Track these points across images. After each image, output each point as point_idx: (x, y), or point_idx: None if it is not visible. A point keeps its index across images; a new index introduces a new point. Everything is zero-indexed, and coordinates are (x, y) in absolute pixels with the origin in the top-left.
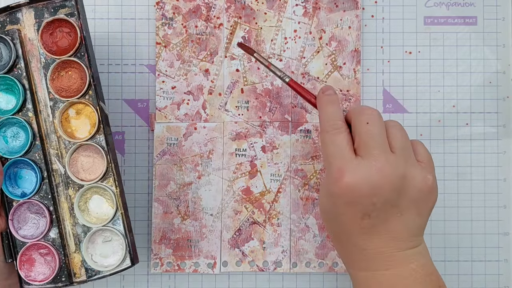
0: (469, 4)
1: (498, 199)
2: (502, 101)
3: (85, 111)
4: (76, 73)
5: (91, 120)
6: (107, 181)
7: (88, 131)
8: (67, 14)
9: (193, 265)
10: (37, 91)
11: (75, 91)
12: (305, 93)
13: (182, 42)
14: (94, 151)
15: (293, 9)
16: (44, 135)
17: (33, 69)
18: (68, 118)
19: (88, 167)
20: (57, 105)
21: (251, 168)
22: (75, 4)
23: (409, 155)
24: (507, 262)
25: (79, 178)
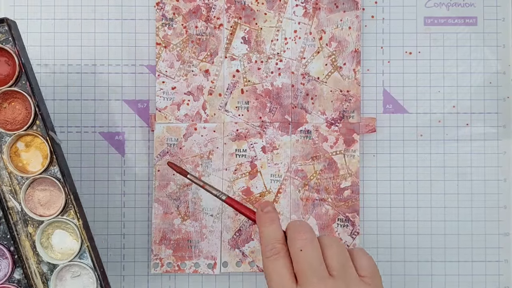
0: (469, 4)
1: (498, 199)
2: (502, 102)
3: (35, 143)
4: (20, 103)
5: (42, 151)
6: (68, 214)
7: (40, 163)
8: (1, 41)
9: (193, 266)
10: None
11: (21, 122)
12: (244, 210)
13: (182, 43)
14: (50, 184)
15: (293, 9)
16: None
17: None
18: (17, 151)
19: (45, 202)
20: (4, 140)
21: (251, 169)
22: (9, 30)
23: (349, 274)
24: (508, 262)
25: (37, 214)
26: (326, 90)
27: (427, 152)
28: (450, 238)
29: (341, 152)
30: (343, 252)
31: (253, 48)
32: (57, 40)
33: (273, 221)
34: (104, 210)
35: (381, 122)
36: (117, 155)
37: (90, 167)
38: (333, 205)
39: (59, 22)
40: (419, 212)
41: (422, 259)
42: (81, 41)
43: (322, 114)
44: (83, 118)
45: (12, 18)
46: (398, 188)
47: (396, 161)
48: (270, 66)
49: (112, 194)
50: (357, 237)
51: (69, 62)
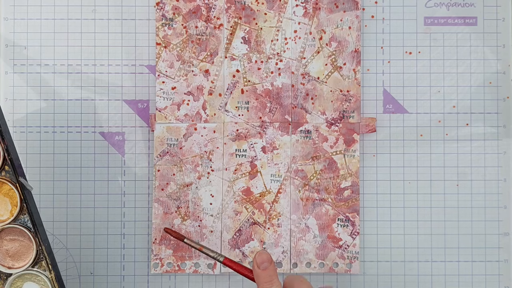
0: (469, 4)
1: (498, 199)
2: (502, 102)
3: (3, 190)
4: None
5: (11, 199)
6: (39, 265)
7: (9, 211)
8: None
9: (193, 266)
10: None
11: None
12: (243, 270)
13: (182, 43)
14: (19, 233)
15: (293, 9)
16: None
17: None
18: None
19: (14, 252)
20: None
21: (251, 169)
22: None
23: None
24: (507, 262)
25: (5, 266)
26: (326, 90)
27: (427, 152)
28: (450, 238)
29: (341, 152)
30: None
31: (253, 48)
32: (57, 40)
33: (273, 281)
34: (104, 210)
35: (381, 122)
36: (117, 155)
37: (90, 167)
38: (333, 205)
39: (59, 22)
40: (419, 212)
41: (422, 259)
42: (81, 41)
43: (322, 114)
44: (83, 118)
45: (12, 18)
46: (398, 188)
47: (396, 161)
48: (270, 66)
49: (112, 194)
50: (357, 237)
51: (69, 62)
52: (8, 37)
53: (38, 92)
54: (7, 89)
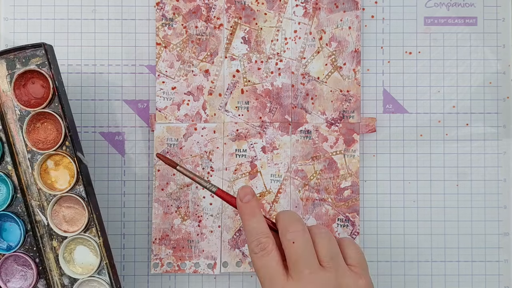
0: (469, 4)
1: (498, 199)
2: (502, 102)
3: (63, 162)
4: (52, 124)
5: (70, 171)
6: (90, 231)
7: (68, 181)
8: (38, 65)
9: (193, 266)
10: (15, 143)
11: (51, 142)
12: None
13: (182, 43)
14: (75, 202)
15: (293, 9)
16: (25, 187)
17: (9, 121)
18: (47, 169)
19: (70, 218)
20: (35, 157)
21: (251, 169)
22: (45, 53)
23: (338, 263)
24: (507, 262)
25: (61, 230)
26: (326, 90)
27: (427, 152)
28: (450, 238)
29: (341, 152)
30: (333, 243)
31: (253, 48)
32: (57, 40)
33: (255, 213)
34: (104, 210)
35: (381, 122)
36: (117, 155)
37: (90, 167)
38: (333, 205)
39: (59, 22)
40: (419, 212)
41: (422, 259)
42: (81, 41)
43: (322, 114)
44: (83, 118)
45: (12, 18)
46: (398, 188)
47: (396, 161)
48: (270, 66)
49: (112, 194)
50: (357, 237)
51: (69, 62)
52: (8, 37)
53: None
54: None
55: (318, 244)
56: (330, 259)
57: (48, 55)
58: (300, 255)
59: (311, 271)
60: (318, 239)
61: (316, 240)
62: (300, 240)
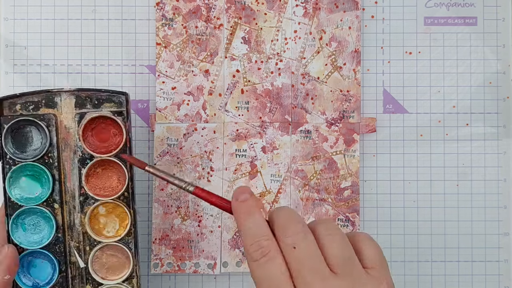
0: (469, 4)
1: (498, 199)
2: (502, 102)
3: (117, 211)
4: (113, 172)
5: (120, 219)
6: (129, 282)
7: (115, 230)
8: (113, 112)
9: (193, 266)
10: (65, 182)
11: (109, 190)
12: (216, 200)
13: (182, 43)
14: (119, 251)
15: (293, 9)
16: (67, 227)
17: (65, 158)
18: (97, 215)
19: (110, 266)
20: (88, 201)
21: (251, 169)
22: (126, 104)
23: (353, 267)
24: (507, 262)
25: (99, 276)
26: (326, 90)
27: (427, 152)
28: (450, 238)
29: (341, 152)
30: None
31: (253, 48)
32: (57, 40)
33: (253, 212)
34: None
35: (381, 122)
36: None
37: None
38: (333, 205)
39: (59, 22)
40: (419, 212)
41: (422, 259)
42: (81, 41)
43: (322, 114)
44: None
45: (12, 18)
46: (398, 188)
47: (396, 161)
48: (270, 66)
49: None
50: None
51: (69, 62)
52: (8, 37)
53: None
54: (7, 89)
55: (326, 246)
56: (343, 263)
57: (128, 106)
58: (305, 263)
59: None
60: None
61: (323, 242)
62: (304, 244)
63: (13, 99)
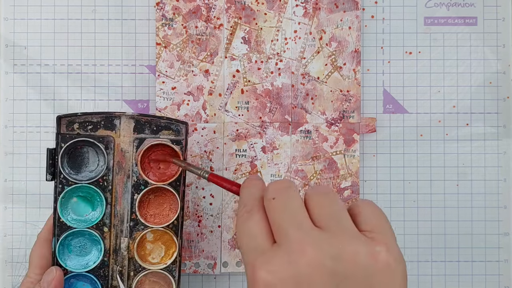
0: (469, 4)
1: (498, 199)
2: (503, 102)
3: (164, 238)
4: (166, 200)
5: (167, 247)
6: None
7: (161, 257)
8: (171, 140)
9: (193, 266)
10: (116, 205)
11: (160, 217)
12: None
13: (182, 43)
14: (162, 278)
15: (293, 9)
16: (112, 251)
17: (117, 182)
18: (144, 241)
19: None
20: (138, 227)
21: (251, 169)
22: (185, 134)
23: (343, 225)
24: (507, 262)
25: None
26: (326, 90)
27: (427, 152)
28: (450, 238)
29: (341, 152)
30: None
31: (253, 48)
32: (57, 40)
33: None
34: None
35: (381, 122)
36: None
37: None
38: None
39: (59, 22)
40: (419, 212)
41: (422, 259)
42: (81, 41)
43: (322, 114)
44: None
45: (12, 18)
46: (398, 188)
47: (396, 161)
48: (270, 66)
49: None
50: None
51: (69, 62)
52: (8, 37)
53: (38, 92)
54: (7, 89)
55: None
56: (330, 219)
57: (187, 136)
58: (283, 213)
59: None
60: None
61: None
62: (284, 195)
63: (71, 118)
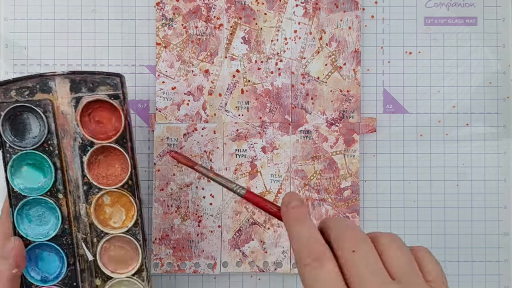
0: (469, 4)
1: (498, 199)
2: (502, 102)
3: (122, 201)
4: (115, 159)
5: (126, 210)
6: (138, 275)
7: (122, 221)
8: (109, 95)
9: (193, 266)
10: (68, 170)
11: (113, 178)
12: (266, 205)
13: (182, 43)
14: (127, 243)
15: (293, 9)
16: (72, 217)
17: (65, 146)
18: (102, 204)
19: (119, 259)
20: (92, 191)
21: (251, 169)
22: (121, 86)
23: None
24: (507, 262)
25: (108, 269)
26: (326, 90)
27: (427, 152)
28: (450, 238)
29: (341, 152)
30: (406, 252)
31: (253, 48)
32: (57, 40)
33: (304, 219)
34: None
35: (381, 122)
36: None
37: None
38: (333, 205)
39: (59, 22)
40: (419, 212)
41: None
42: (81, 41)
43: (322, 114)
44: None
45: (12, 18)
46: (398, 188)
47: (396, 161)
48: (270, 66)
49: None
50: None
51: (69, 62)
52: (8, 37)
53: None
54: None
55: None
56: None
57: (123, 88)
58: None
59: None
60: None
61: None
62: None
63: (7, 85)
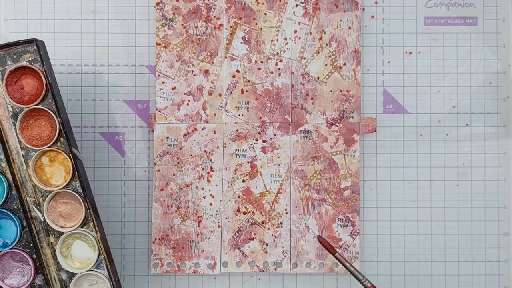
0: (469, 4)
1: (498, 199)
2: (502, 102)
3: (58, 158)
4: (46, 120)
5: (65, 166)
6: (87, 226)
7: (63, 177)
8: (30, 61)
9: (193, 266)
10: (7, 140)
11: (45, 139)
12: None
13: (182, 43)
14: (71, 198)
15: (293, 9)
16: (20, 183)
17: (1, 118)
18: (42, 166)
19: (66, 214)
20: (30, 154)
21: (251, 169)
22: (37, 50)
23: None
24: (507, 262)
25: (58, 225)
26: (326, 90)
27: (427, 152)
28: (450, 238)
29: (341, 152)
30: None
31: (253, 48)
32: (57, 40)
33: None
34: (104, 210)
35: (381, 122)
36: (117, 155)
37: (90, 167)
38: (333, 205)
39: (59, 22)
40: (419, 212)
41: (422, 259)
42: (81, 41)
43: (322, 114)
44: (83, 118)
45: (12, 18)
46: (398, 188)
47: (396, 161)
48: (270, 66)
49: (112, 194)
50: (357, 237)
51: (69, 62)
52: (8, 37)
53: None
54: None
55: None
56: None
57: (40, 51)
58: None
59: None
60: None
61: None
62: None
63: None
